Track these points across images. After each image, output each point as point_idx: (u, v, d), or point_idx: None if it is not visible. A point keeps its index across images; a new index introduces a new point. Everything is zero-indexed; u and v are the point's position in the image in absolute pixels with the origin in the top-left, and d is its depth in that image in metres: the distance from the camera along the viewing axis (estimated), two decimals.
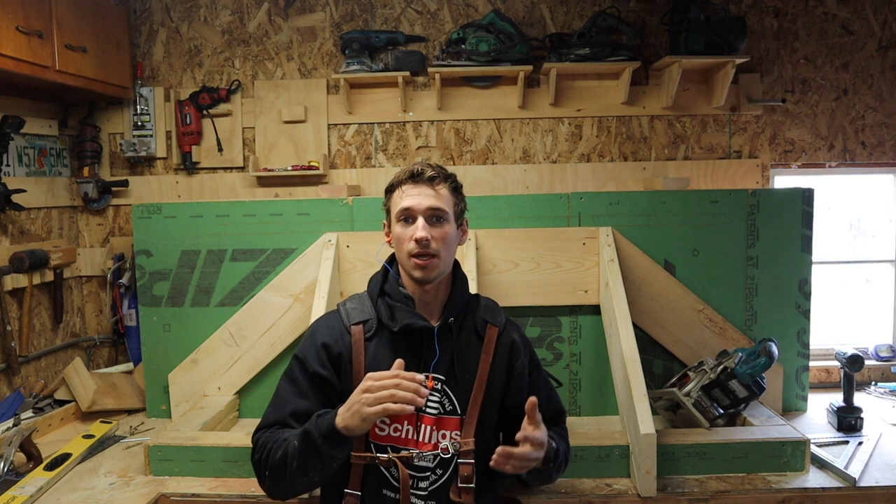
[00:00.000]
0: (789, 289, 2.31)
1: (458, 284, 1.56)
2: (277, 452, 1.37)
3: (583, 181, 2.71)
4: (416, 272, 1.46)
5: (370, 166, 2.76)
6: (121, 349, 2.79)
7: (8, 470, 1.89)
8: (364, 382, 1.32)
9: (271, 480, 1.41)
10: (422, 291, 1.50)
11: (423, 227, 1.44)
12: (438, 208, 1.46)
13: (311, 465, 1.35)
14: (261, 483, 1.46)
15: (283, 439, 1.38)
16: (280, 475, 1.38)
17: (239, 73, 2.76)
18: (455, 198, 1.52)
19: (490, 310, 1.60)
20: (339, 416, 1.32)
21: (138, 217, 2.37)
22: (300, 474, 1.36)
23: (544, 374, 1.70)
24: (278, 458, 1.37)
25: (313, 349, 1.49)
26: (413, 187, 1.47)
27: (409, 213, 1.46)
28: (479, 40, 2.56)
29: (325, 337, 1.50)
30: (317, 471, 1.36)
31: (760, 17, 2.67)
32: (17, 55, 2.02)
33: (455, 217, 1.51)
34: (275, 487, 1.42)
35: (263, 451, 1.41)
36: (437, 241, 1.45)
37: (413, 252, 1.45)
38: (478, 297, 1.63)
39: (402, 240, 1.47)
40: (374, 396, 1.28)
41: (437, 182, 1.48)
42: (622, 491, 1.78)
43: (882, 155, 2.70)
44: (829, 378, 2.64)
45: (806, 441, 1.87)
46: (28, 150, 2.53)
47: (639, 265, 2.26)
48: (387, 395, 1.28)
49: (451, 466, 1.47)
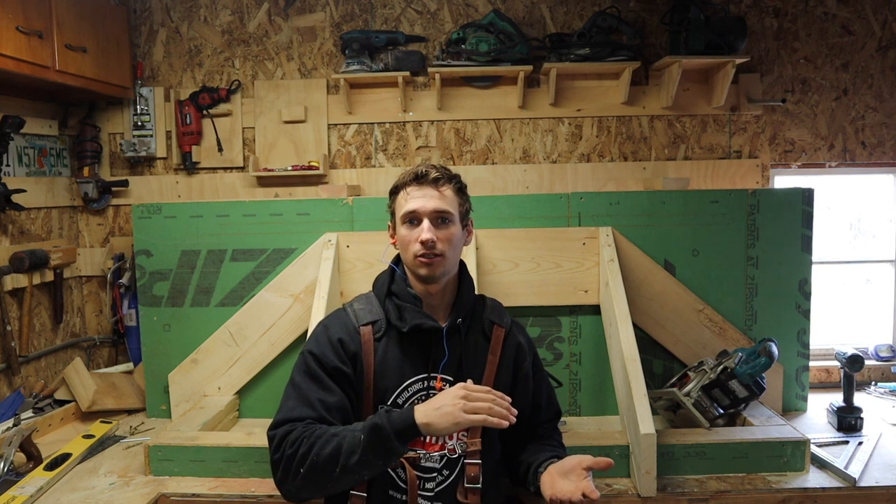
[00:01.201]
0: (789, 289, 2.31)
1: (465, 285, 1.56)
2: (327, 447, 1.32)
3: (583, 181, 2.71)
4: (422, 270, 1.46)
5: (370, 166, 2.76)
6: (121, 349, 2.79)
7: (8, 470, 1.89)
8: (458, 389, 1.34)
9: (305, 478, 1.33)
10: (428, 292, 1.50)
11: (428, 229, 1.44)
12: (444, 210, 1.46)
13: (373, 461, 1.31)
14: (282, 481, 1.37)
15: (333, 434, 1.34)
16: (324, 472, 1.32)
17: (239, 73, 2.76)
18: (460, 198, 1.52)
19: (496, 311, 1.60)
20: (422, 413, 1.31)
21: (138, 217, 2.37)
22: (355, 470, 1.31)
23: (546, 376, 1.70)
24: (327, 453, 1.31)
25: (329, 345, 1.46)
26: (418, 189, 1.47)
27: (414, 215, 1.46)
28: (479, 40, 2.56)
29: (340, 333, 1.48)
30: (376, 467, 1.33)
31: (760, 17, 2.67)
32: (17, 55, 2.02)
33: (460, 218, 1.51)
34: (305, 486, 1.35)
35: (298, 446, 1.34)
36: (442, 242, 1.45)
37: (419, 254, 1.45)
38: (483, 297, 1.63)
39: (408, 242, 1.47)
40: (473, 405, 1.30)
41: (442, 183, 1.48)
42: (622, 491, 1.78)
43: (882, 155, 2.70)
44: (829, 378, 2.64)
45: (806, 441, 1.87)
46: (28, 150, 2.53)
47: (639, 265, 2.26)
48: (486, 408, 1.30)
49: (458, 467, 1.47)
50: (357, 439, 1.31)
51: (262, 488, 1.82)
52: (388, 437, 1.30)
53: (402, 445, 1.31)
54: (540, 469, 1.47)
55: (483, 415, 1.30)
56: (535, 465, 1.49)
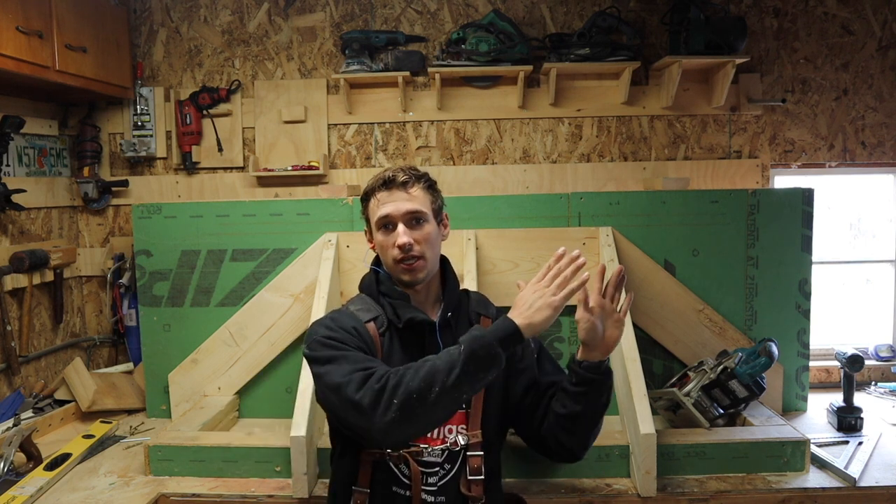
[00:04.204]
0: (789, 289, 2.31)
1: (450, 280, 1.58)
2: (420, 372, 1.27)
3: (583, 181, 2.71)
4: (404, 276, 1.48)
5: (370, 166, 2.76)
6: (121, 349, 2.79)
7: (8, 470, 1.89)
8: (531, 285, 1.36)
9: (400, 409, 1.25)
10: (414, 290, 1.52)
11: (404, 233, 1.46)
12: (416, 210, 1.48)
13: (475, 373, 1.27)
14: (370, 419, 1.26)
15: (424, 360, 1.31)
16: (421, 397, 1.26)
17: (239, 73, 2.76)
18: (431, 196, 1.53)
19: (481, 303, 1.63)
20: (520, 316, 1.32)
21: (138, 217, 2.37)
22: (456, 388, 1.26)
23: (546, 351, 1.69)
24: (423, 376, 1.27)
25: (344, 331, 1.43)
26: (388, 194, 1.49)
27: (388, 220, 1.48)
28: (479, 40, 2.56)
29: (353, 322, 1.47)
30: (478, 381, 1.30)
31: (760, 17, 2.67)
32: (17, 55, 2.02)
33: (434, 215, 1.52)
34: (398, 420, 1.25)
35: (387, 380, 1.28)
36: (419, 243, 1.47)
37: (398, 258, 1.47)
38: (467, 292, 1.65)
39: (386, 247, 1.49)
40: (556, 284, 1.34)
41: (411, 185, 1.49)
42: (622, 491, 1.78)
43: (882, 155, 2.70)
44: (829, 378, 2.64)
45: (806, 441, 1.87)
46: (28, 150, 2.53)
47: (639, 265, 2.26)
48: (563, 279, 1.33)
49: (459, 460, 1.47)
50: (454, 355, 1.29)
51: (263, 488, 1.83)
52: (490, 344, 1.28)
53: (504, 352, 1.30)
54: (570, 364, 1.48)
55: (569, 286, 1.32)
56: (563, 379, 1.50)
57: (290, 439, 1.78)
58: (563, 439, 1.49)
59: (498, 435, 1.57)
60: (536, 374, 1.57)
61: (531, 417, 1.55)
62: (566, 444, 1.50)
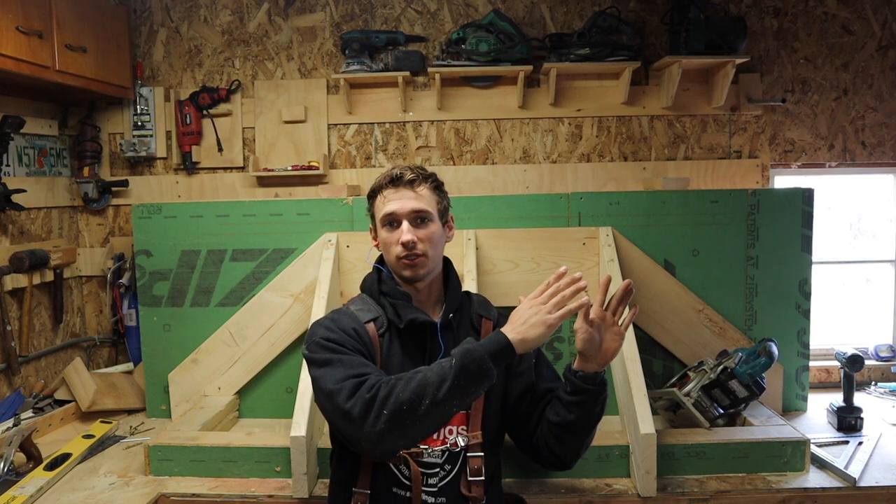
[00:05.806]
0: (789, 289, 2.31)
1: (452, 281, 1.57)
2: (411, 384, 1.28)
3: (583, 181, 2.71)
4: (405, 271, 1.48)
5: (370, 166, 2.76)
6: (121, 349, 2.79)
7: (8, 470, 1.89)
8: (528, 300, 1.35)
9: (390, 420, 1.26)
10: (415, 290, 1.52)
11: (408, 230, 1.46)
12: (421, 209, 1.48)
13: (465, 387, 1.27)
14: (360, 428, 1.27)
15: (415, 372, 1.31)
16: (412, 408, 1.26)
17: (239, 73, 2.76)
18: (437, 196, 1.53)
19: (483, 305, 1.62)
20: (513, 331, 1.31)
21: (138, 217, 2.37)
22: (446, 401, 1.26)
23: (545, 356, 1.69)
24: (413, 388, 1.27)
25: (344, 335, 1.43)
26: (394, 191, 1.49)
27: (393, 217, 1.48)
28: (479, 40, 2.56)
29: (353, 323, 1.47)
30: (468, 395, 1.30)
31: (760, 17, 2.67)
32: (17, 55, 2.02)
33: (439, 215, 1.52)
34: (389, 431, 1.26)
35: (378, 389, 1.28)
36: (423, 242, 1.47)
37: (401, 255, 1.47)
38: (469, 294, 1.64)
39: (389, 244, 1.49)
40: (552, 303, 1.32)
41: (418, 184, 1.49)
42: (622, 491, 1.78)
43: (882, 155, 2.70)
44: (829, 378, 2.64)
45: (806, 441, 1.87)
46: (28, 150, 2.53)
47: (639, 265, 2.26)
48: (560, 299, 1.32)
49: (459, 461, 1.47)
50: (445, 368, 1.28)
51: (262, 488, 1.83)
52: (481, 358, 1.28)
53: (496, 366, 1.30)
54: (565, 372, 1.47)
55: (567, 306, 1.32)
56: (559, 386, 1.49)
57: (290, 439, 1.78)
58: (554, 447, 1.49)
59: (498, 436, 1.57)
60: (534, 379, 1.56)
61: (525, 423, 1.55)
62: (557, 452, 1.50)
